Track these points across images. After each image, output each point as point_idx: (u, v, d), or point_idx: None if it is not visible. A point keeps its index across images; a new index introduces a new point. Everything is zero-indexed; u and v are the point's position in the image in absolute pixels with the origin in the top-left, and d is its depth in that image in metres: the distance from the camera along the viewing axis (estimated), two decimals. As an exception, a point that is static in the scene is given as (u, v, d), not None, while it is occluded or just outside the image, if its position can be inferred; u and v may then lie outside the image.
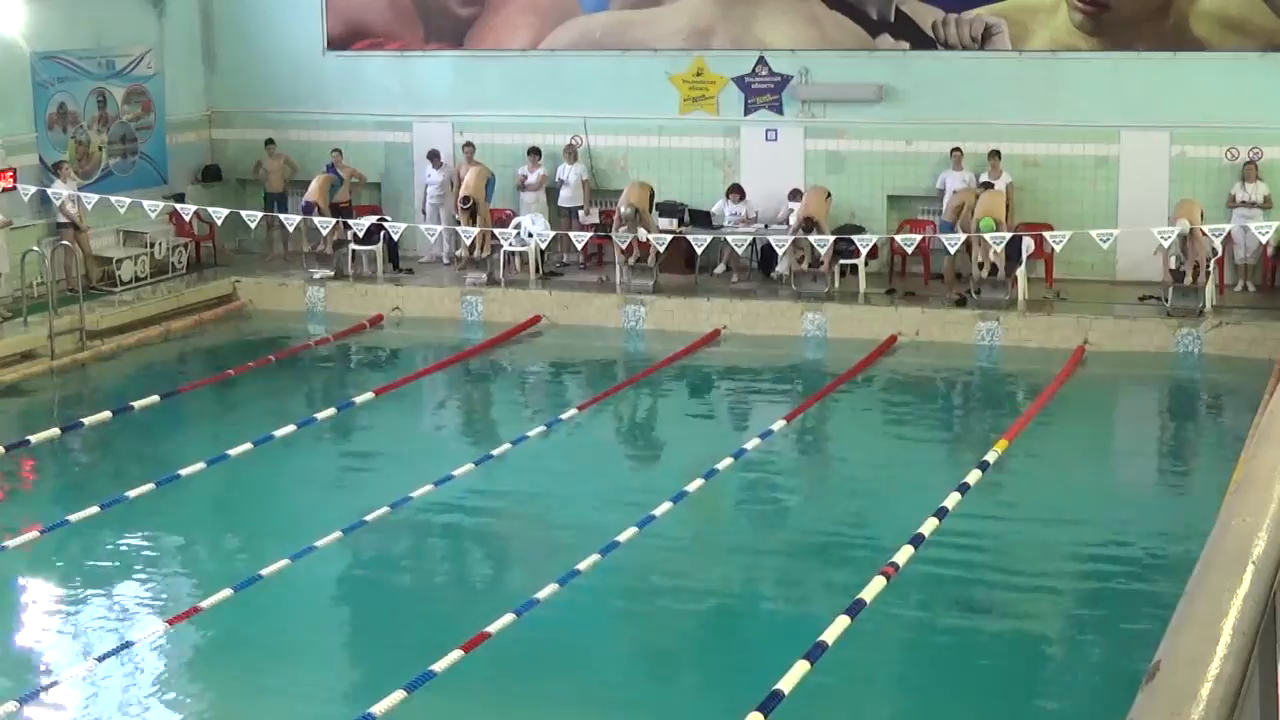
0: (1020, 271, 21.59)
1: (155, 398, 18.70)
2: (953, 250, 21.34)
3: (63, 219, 22.88)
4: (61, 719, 10.98)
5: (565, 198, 24.70)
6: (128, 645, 11.98)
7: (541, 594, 12.40)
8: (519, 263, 24.11)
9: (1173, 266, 20.58)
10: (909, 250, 21.90)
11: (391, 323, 22.66)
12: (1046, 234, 21.22)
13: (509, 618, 11.88)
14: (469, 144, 24.77)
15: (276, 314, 23.59)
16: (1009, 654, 12.10)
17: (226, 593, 12.62)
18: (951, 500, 14.51)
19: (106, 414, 17.99)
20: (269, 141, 25.88)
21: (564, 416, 17.90)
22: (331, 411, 18.30)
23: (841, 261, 22.31)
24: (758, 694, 10.31)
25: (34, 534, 14.15)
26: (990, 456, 16.03)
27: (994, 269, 21.21)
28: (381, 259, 24.32)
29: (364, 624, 13.07)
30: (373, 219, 24.22)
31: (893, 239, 22.01)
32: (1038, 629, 12.70)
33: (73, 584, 13.64)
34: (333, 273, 24.14)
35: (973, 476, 15.33)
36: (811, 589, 13.48)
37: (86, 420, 17.72)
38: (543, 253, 24.00)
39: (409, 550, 14.48)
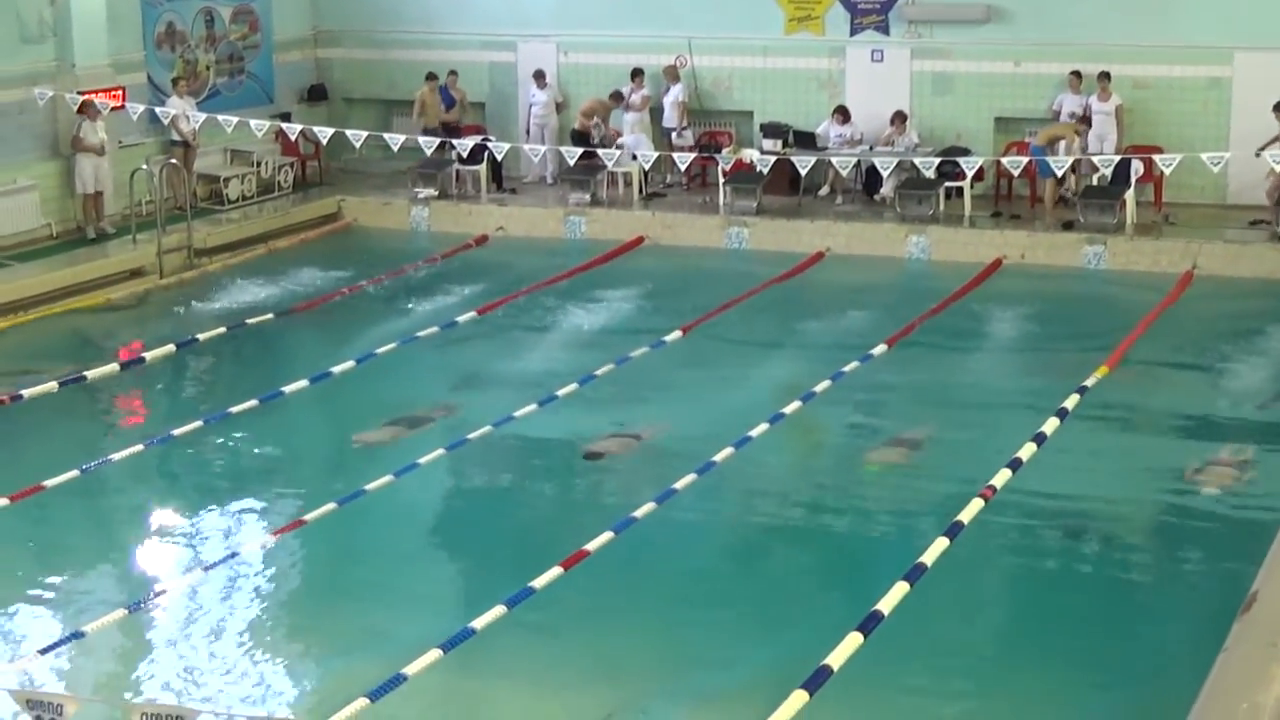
0: (1129, 195, 21.33)
1: (269, 315, 19.05)
2: (1059, 173, 21.14)
3: (176, 136, 23.14)
4: (169, 627, 11.20)
5: (668, 118, 24.65)
6: (234, 555, 12.22)
7: (639, 513, 12.50)
8: (623, 183, 24.13)
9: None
10: (1015, 173, 21.71)
11: (496, 242, 22.80)
12: (1156, 157, 20.93)
13: (607, 535, 12.00)
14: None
15: (381, 233, 23.77)
16: (1105, 579, 12.05)
17: (330, 506, 12.83)
18: (1050, 425, 14.45)
19: (220, 329, 18.38)
20: (430, 75, 25.20)
21: (667, 339, 17.95)
22: (434, 330, 18.46)
23: (946, 184, 22.15)
24: (857, 615, 10.39)
25: (139, 447, 14.44)
26: (1090, 381, 15.91)
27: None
28: (486, 179, 24.45)
29: (464, 541, 13.21)
30: (477, 139, 24.29)
31: (999, 161, 21.82)
32: (1135, 553, 12.62)
33: (179, 497, 13.91)
34: (437, 192, 24.27)
35: (1071, 401, 15.25)
36: (910, 510, 13.46)
37: (201, 336, 18.07)
38: (646, 173, 23.99)
39: (510, 469, 14.59)
